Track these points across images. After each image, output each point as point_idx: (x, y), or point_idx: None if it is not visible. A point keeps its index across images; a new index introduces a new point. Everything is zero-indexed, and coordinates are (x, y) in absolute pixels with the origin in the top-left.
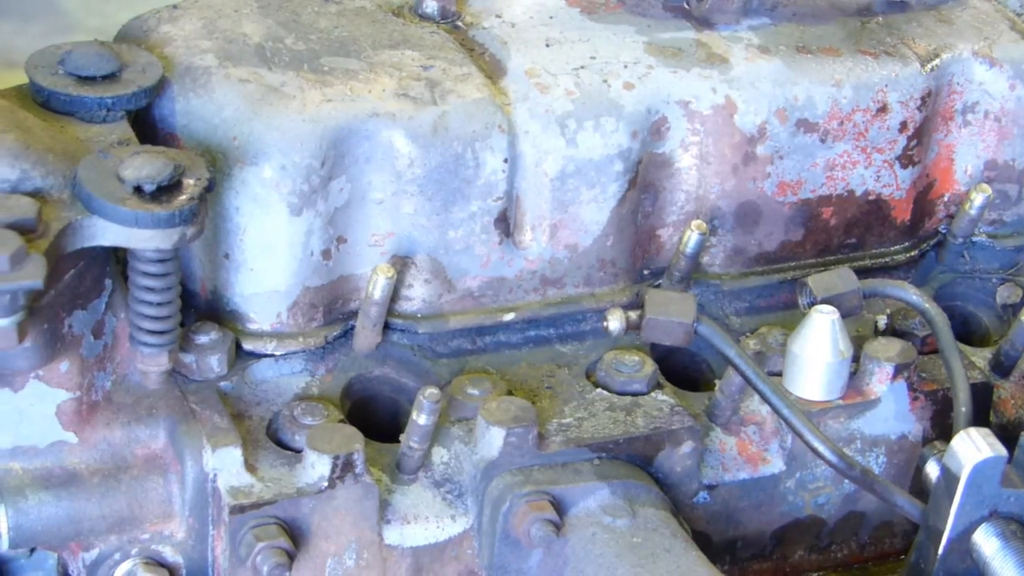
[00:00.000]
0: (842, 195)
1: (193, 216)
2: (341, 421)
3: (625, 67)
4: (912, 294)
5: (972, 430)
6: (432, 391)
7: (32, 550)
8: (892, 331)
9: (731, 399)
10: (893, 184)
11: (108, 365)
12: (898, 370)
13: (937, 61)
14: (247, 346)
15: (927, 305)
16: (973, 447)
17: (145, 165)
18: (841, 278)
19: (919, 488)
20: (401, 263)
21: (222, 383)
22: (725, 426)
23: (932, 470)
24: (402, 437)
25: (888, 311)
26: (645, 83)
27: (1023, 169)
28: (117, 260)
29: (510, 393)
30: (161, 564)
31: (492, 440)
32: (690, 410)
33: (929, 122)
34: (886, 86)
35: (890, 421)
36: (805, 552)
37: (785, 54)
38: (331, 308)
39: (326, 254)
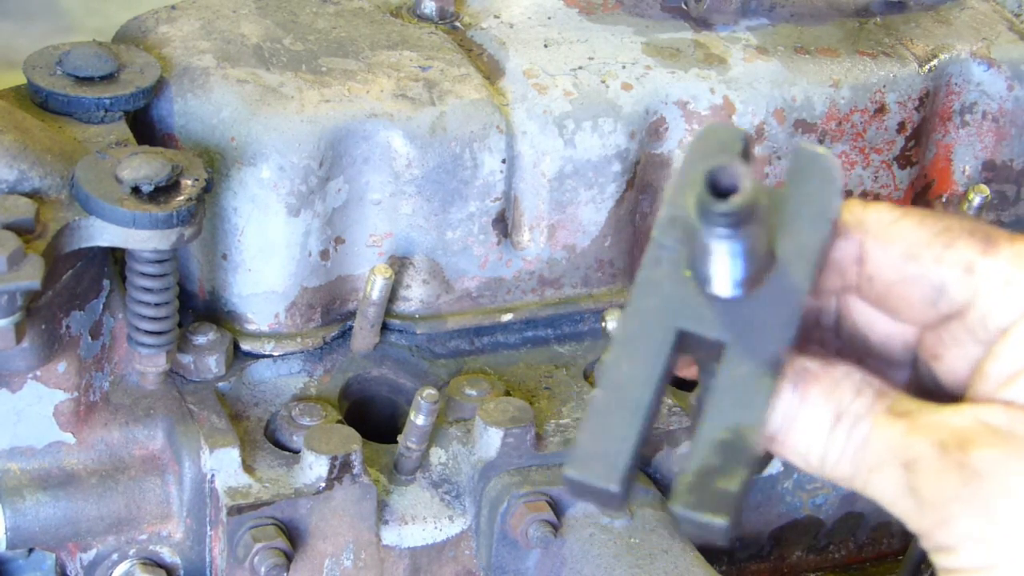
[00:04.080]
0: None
1: (191, 217)
2: (339, 422)
3: (623, 68)
4: None
5: None
6: (430, 392)
7: (30, 551)
8: None
9: None
10: (891, 184)
11: (106, 366)
12: None
13: (935, 62)
14: (245, 347)
15: None
16: None
17: (143, 166)
18: None
19: None
20: (399, 264)
21: (220, 384)
22: None
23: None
24: (400, 438)
25: None
26: (643, 84)
27: (1021, 169)
28: (115, 261)
29: (508, 394)
30: (159, 565)
31: (490, 441)
32: (688, 411)
33: (927, 123)
34: (884, 87)
35: None
36: (803, 553)
37: (783, 55)
38: (329, 309)
39: (324, 255)
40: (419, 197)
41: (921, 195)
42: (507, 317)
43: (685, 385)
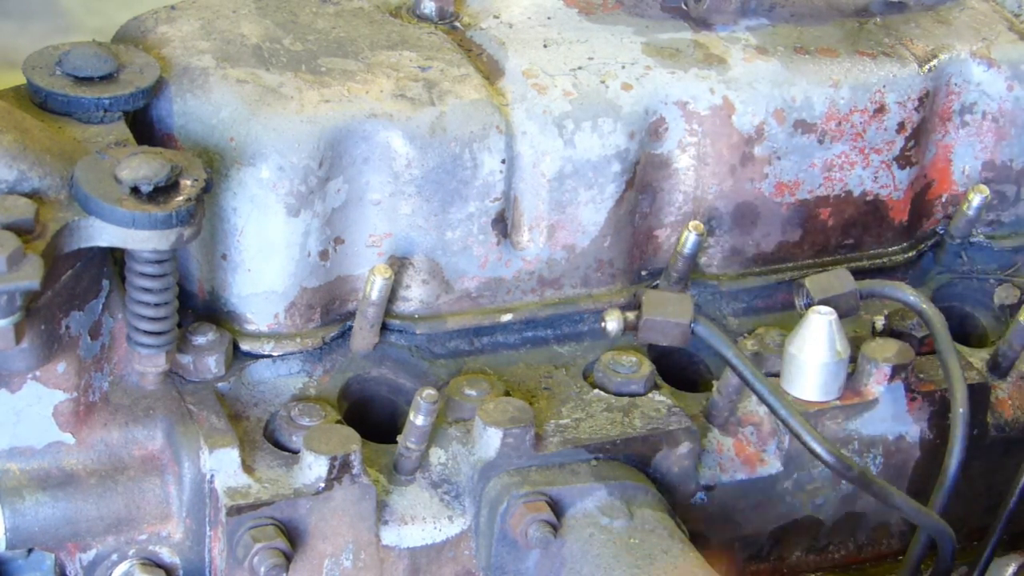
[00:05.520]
0: (840, 196)
1: (190, 217)
2: (338, 422)
3: (623, 68)
4: (909, 295)
5: None
6: (429, 392)
7: (29, 551)
8: (890, 332)
9: (729, 400)
10: (891, 185)
11: (105, 366)
12: (895, 371)
13: (935, 62)
14: (244, 347)
15: (924, 306)
16: None
17: (142, 166)
18: (839, 279)
19: (916, 488)
20: (399, 264)
21: (219, 384)
22: (723, 427)
23: None
24: (399, 438)
25: (886, 312)
26: (643, 84)
27: (1021, 169)
28: (115, 261)
29: (508, 394)
30: (158, 565)
31: (489, 441)
32: (687, 411)
33: (927, 123)
34: (884, 87)
35: (887, 422)
36: (803, 553)
37: (783, 55)
38: (329, 309)
39: (323, 255)
40: (419, 197)
41: (921, 195)
42: (507, 317)
43: (683, 385)
